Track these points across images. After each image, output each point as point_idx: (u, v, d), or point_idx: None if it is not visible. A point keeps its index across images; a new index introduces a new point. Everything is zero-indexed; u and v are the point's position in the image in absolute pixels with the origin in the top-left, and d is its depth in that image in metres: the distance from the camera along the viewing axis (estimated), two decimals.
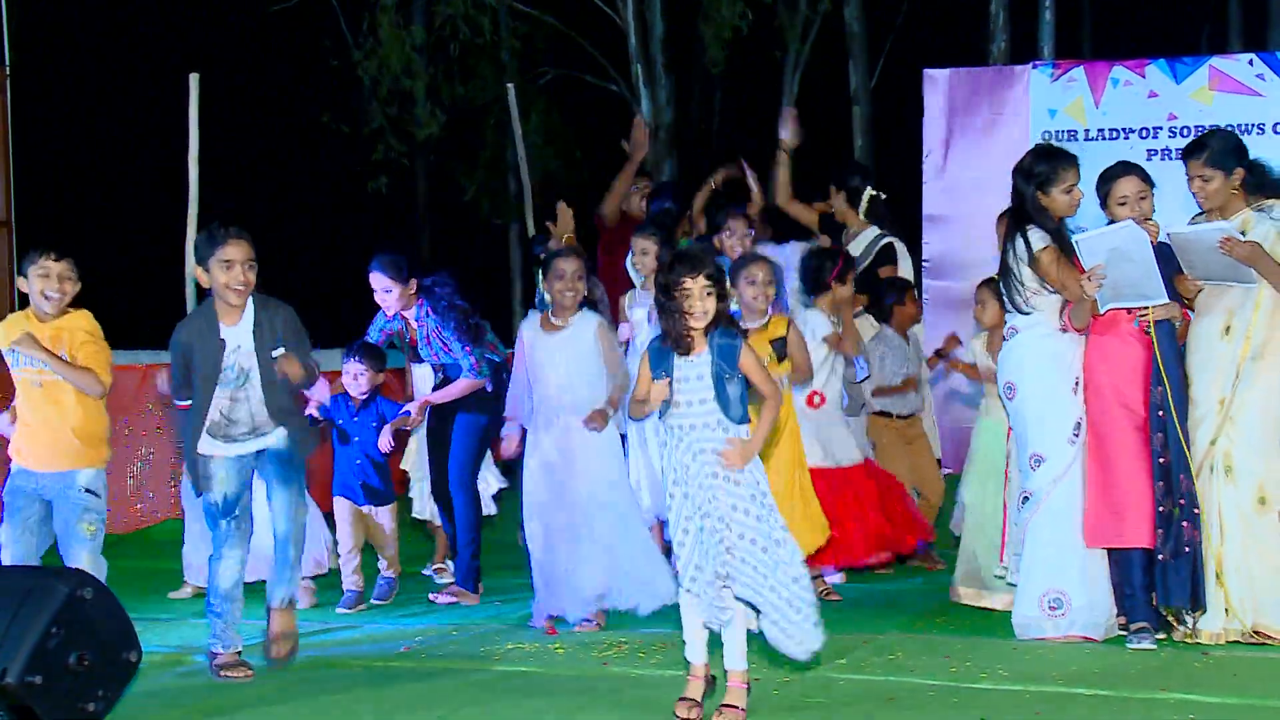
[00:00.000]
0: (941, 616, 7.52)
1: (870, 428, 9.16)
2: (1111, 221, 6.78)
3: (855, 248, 9.07)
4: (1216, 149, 6.88)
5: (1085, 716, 5.51)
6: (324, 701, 5.97)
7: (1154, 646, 6.59)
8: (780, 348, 7.41)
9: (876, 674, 6.12)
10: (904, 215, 9.84)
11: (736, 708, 5.32)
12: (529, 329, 7.58)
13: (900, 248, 9.31)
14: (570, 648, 6.93)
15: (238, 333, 6.50)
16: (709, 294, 5.35)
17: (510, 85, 15.09)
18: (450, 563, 8.98)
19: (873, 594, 8.17)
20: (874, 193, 9.28)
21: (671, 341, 5.40)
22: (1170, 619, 6.74)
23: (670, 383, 5.39)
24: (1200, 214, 6.98)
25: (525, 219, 15.62)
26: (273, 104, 26.32)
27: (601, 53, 23.08)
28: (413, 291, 8.27)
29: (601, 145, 24.48)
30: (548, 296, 7.53)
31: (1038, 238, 6.73)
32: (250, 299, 6.51)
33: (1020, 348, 6.89)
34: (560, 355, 7.42)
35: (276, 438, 6.64)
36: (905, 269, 9.30)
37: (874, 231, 9.17)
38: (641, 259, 8.26)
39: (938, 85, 11.38)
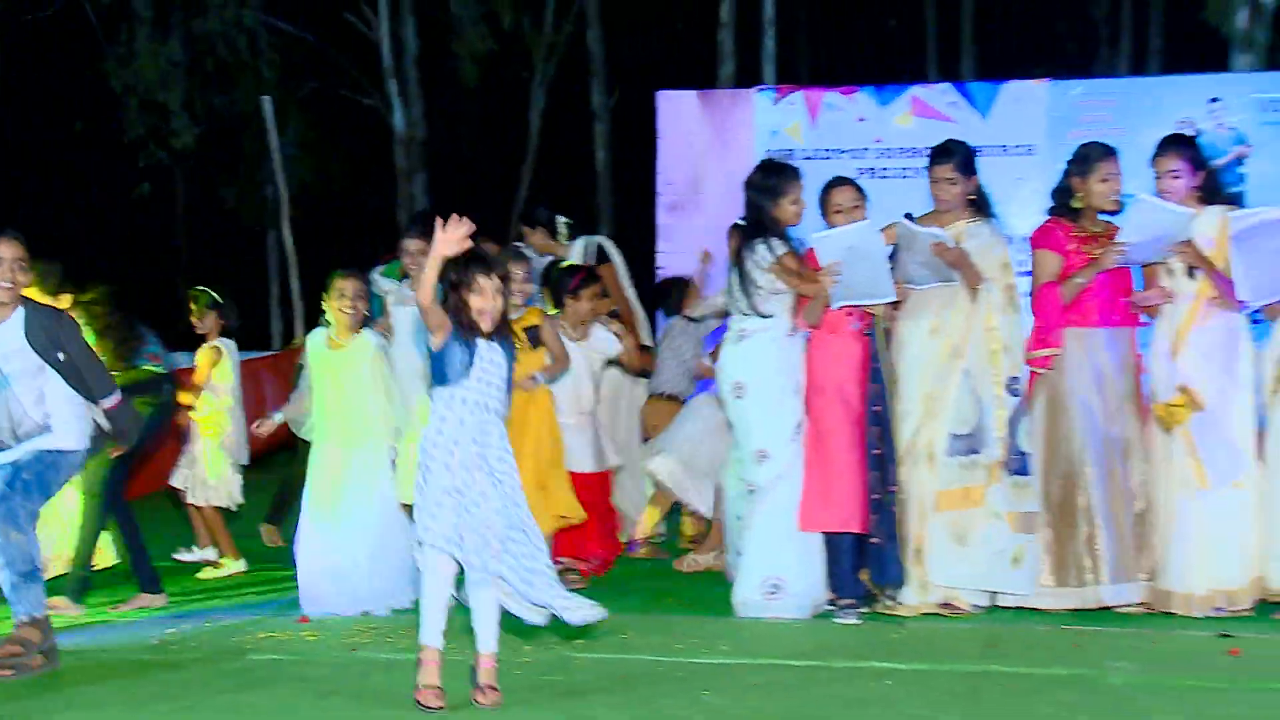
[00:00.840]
0: (669, 597, 7.60)
1: (650, 413, 9.29)
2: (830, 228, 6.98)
3: (575, 260, 9.09)
4: (963, 155, 7.13)
5: (796, 686, 5.59)
6: (72, 694, 5.74)
7: (860, 621, 6.78)
8: (533, 335, 7.50)
9: (610, 653, 6.14)
10: (640, 227, 9.94)
11: (497, 689, 5.29)
12: (314, 342, 7.55)
13: (609, 244, 9.42)
14: (321, 635, 6.83)
15: (3, 333, 6.14)
16: (500, 293, 5.39)
17: (265, 98, 14.98)
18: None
19: (605, 578, 8.17)
20: (565, 219, 9.37)
21: (465, 331, 5.34)
22: (874, 594, 6.95)
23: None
24: (924, 215, 7.16)
25: (281, 227, 15.53)
26: (38, 110, 25.59)
27: (358, 69, 22.99)
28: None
29: (356, 156, 24.41)
30: (329, 315, 7.49)
31: (776, 244, 6.85)
32: (23, 303, 6.18)
33: (751, 349, 6.97)
34: (337, 373, 7.41)
35: (38, 444, 6.21)
36: (619, 262, 9.40)
37: (581, 242, 9.25)
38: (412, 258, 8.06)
39: (671, 106, 11.53)
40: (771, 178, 7.04)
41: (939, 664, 5.92)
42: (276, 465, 10.51)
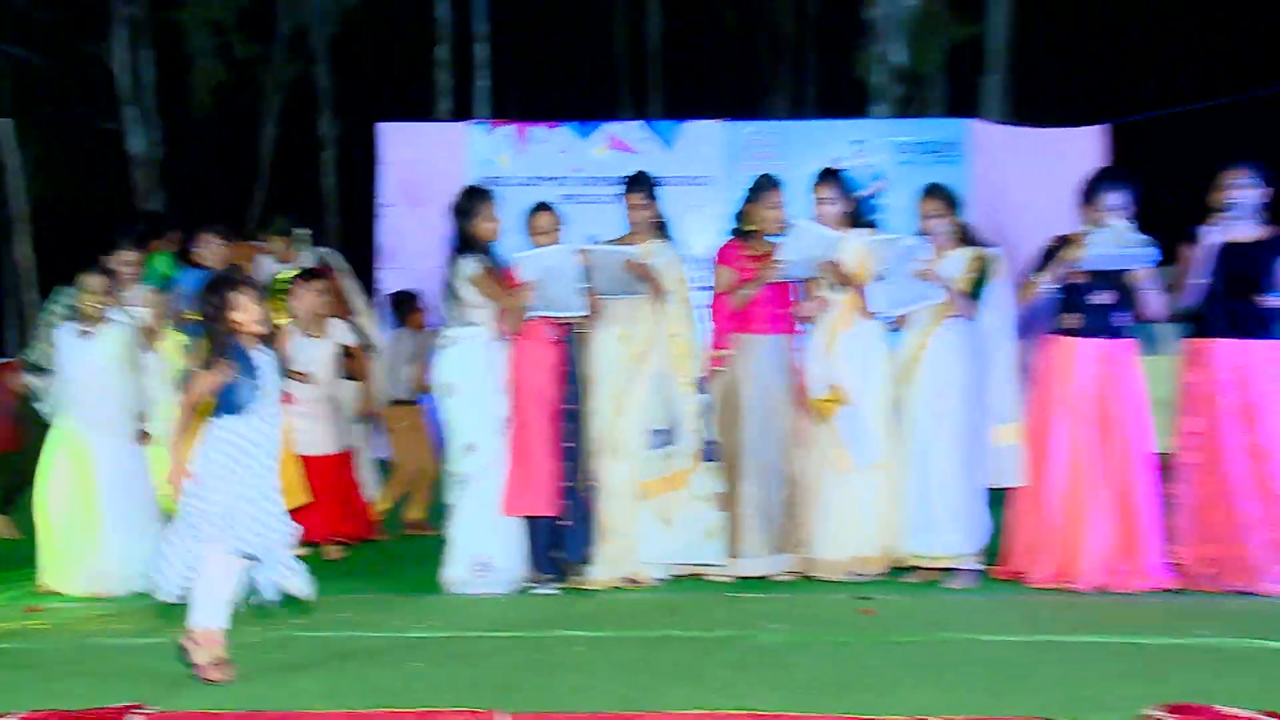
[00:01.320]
0: (385, 578, 7.54)
1: (390, 417, 9.27)
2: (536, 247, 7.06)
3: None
4: (650, 185, 7.34)
5: (497, 653, 5.63)
6: None
7: (555, 593, 6.89)
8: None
9: (330, 631, 6.05)
10: (364, 248, 9.88)
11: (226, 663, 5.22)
12: (63, 332, 7.27)
13: (336, 257, 9.35)
14: (52, 623, 6.54)
15: None
16: (258, 299, 5.32)
17: (6, 120, 14.54)
18: None
19: (325, 563, 8.01)
20: (302, 230, 9.28)
21: (237, 351, 5.24)
22: (568, 571, 7.04)
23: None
24: (617, 238, 7.34)
25: (16, 241, 15.11)
26: None
27: (97, 93, 22.33)
28: None
29: (96, 176, 23.64)
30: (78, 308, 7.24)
31: (475, 260, 6.91)
32: None
33: (459, 354, 7.00)
34: (86, 360, 7.19)
35: None
36: (346, 273, 9.31)
37: (311, 253, 9.14)
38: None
39: (392, 135, 11.51)
40: (468, 200, 7.10)
41: (624, 630, 6.03)
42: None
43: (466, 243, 7.01)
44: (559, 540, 7.04)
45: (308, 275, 8.32)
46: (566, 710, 4.66)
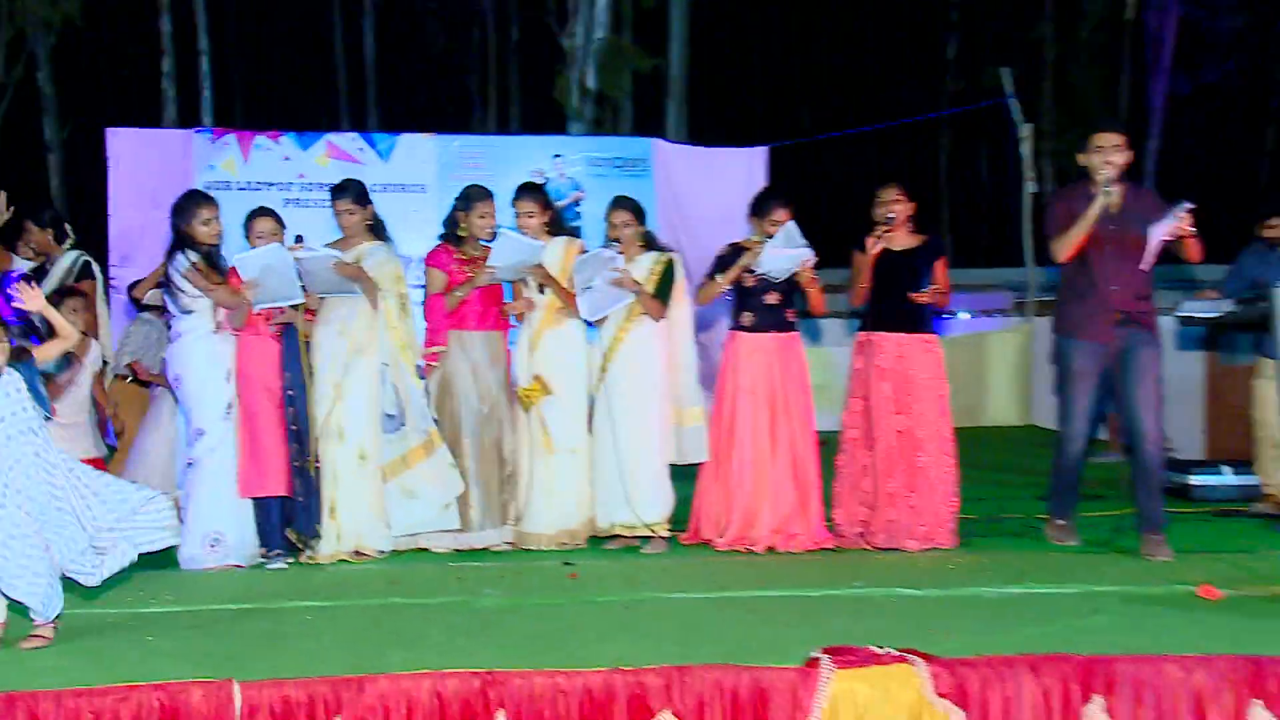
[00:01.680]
0: (144, 556, 7.24)
1: (116, 390, 8.72)
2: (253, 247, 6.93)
3: (58, 270, 8.61)
4: (356, 190, 7.24)
5: (230, 623, 5.49)
6: None
7: (286, 567, 6.76)
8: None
9: (66, 609, 5.46)
10: (95, 250, 9.45)
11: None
12: None
13: (93, 262, 8.98)
14: None
15: None
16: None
17: None
18: None
19: None
20: (69, 228, 8.90)
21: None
22: (299, 545, 6.92)
23: None
24: (334, 241, 7.22)
25: None
26: None
27: None
28: None
29: None
30: None
31: (191, 257, 6.74)
32: None
33: (185, 346, 6.82)
34: None
35: None
36: (99, 278, 8.96)
37: (72, 254, 8.78)
38: None
39: (120, 141, 11.06)
40: (186, 202, 6.95)
41: (351, 600, 5.96)
42: None
43: (183, 241, 6.83)
44: (289, 517, 6.92)
45: (64, 293, 7.92)
46: (298, 676, 4.57)
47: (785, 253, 7.05)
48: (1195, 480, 8.90)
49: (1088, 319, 6.86)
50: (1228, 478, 8.91)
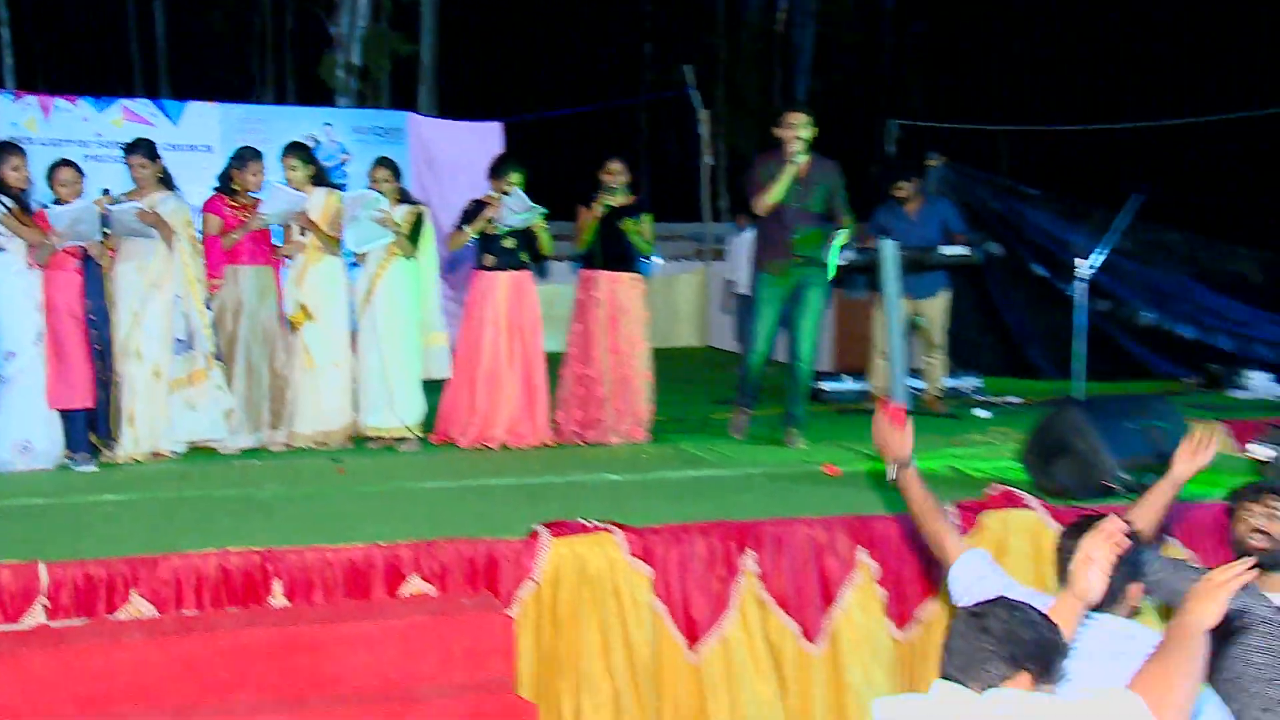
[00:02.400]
0: None
1: None
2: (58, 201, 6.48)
3: None
4: (147, 148, 6.82)
5: (39, 517, 5.22)
6: None
7: (93, 469, 6.39)
8: None
9: None
10: None
11: None
12: None
13: None
14: None
15: None
16: None
17: None
18: None
19: None
20: None
21: None
22: (101, 449, 6.57)
23: None
24: (125, 193, 6.77)
25: None
26: None
27: None
28: None
29: None
30: None
31: (6, 202, 6.25)
32: None
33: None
34: None
35: None
36: None
37: None
38: None
39: None
40: None
41: (148, 494, 5.71)
42: None
43: None
44: (92, 425, 6.54)
45: None
46: (99, 557, 4.39)
47: (518, 207, 7.05)
48: (825, 386, 9.22)
49: (774, 260, 7.05)
50: (848, 384, 9.28)
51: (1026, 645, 2.68)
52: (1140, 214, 8.02)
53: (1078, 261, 7.83)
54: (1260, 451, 3.90)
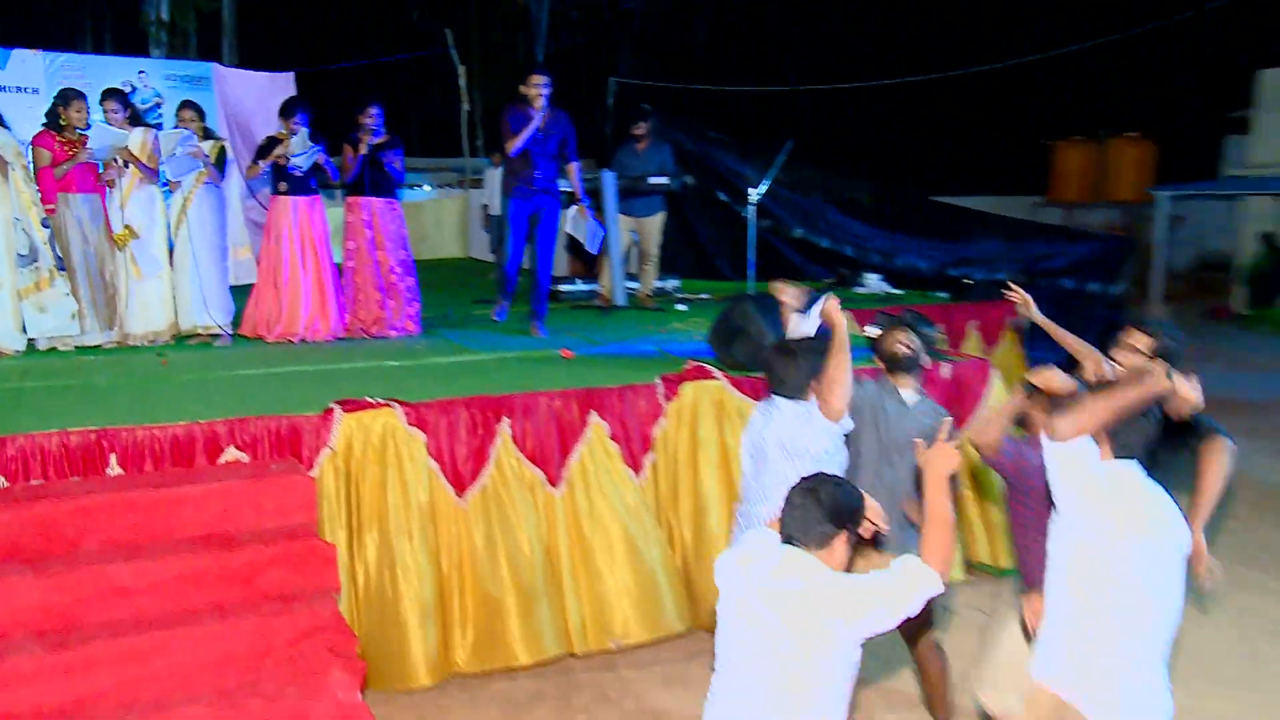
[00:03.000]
0: None
1: None
2: None
3: None
4: None
5: None
6: None
7: None
8: None
9: None
10: None
11: None
12: None
13: None
14: None
15: None
16: None
17: None
18: None
19: None
20: None
21: None
22: None
23: None
24: None
25: None
26: None
27: None
28: None
29: None
30: None
31: None
32: None
33: None
34: None
35: None
36: None
37: None
38: None
39: None
40: None
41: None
42: None
43: None
44: None
45: None
46: None
47: (301, 146, 6.72)
48: (562, 288, 9.20)
49: (520, 189, 6.94)
50: (580, 286, 9.28)
51: (845, 510, 2.67)
52: (791, 155, 8.33)
53: (749, 190, 8.11)
54: (872, 331, 4.21)
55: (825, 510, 2.64)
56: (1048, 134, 18.76)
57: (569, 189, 7.32)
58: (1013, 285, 4.36)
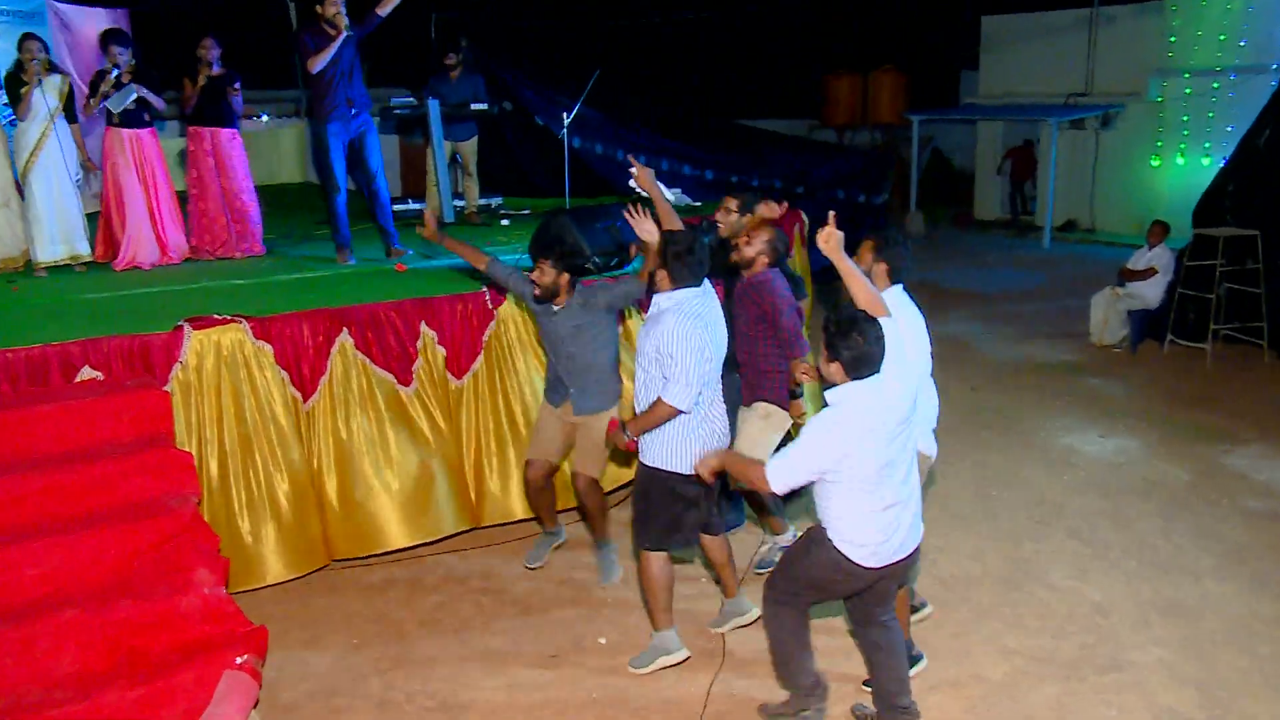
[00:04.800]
0: None
1: None
2: None
3: None
4: None
5: None
6: None
7: None
8: None
9: None
10: None
11: None
12: None
13: None
14: None
15: None
16: None
17: None
18: None
19: None
20: None
21: None
22: None
23: None
24: None
25: None
26: None
27: None
28: None
29: None
30: None
31: None
32: None
33: None
34: None
35: None
36: None
37: None
38: None
39: None
40: None
41: None
42: None
43: None
44: None
45: None
46: None
47: (118, 89, 6.16)
48: (394, 208, 8.85)
49: (335, 111, 6.32)
50: (411, 205, 8.61)
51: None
52: (600, 82, 8.28)
53: (563, 114, 8.02)
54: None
55: None
56: (821, 68, 19.33)
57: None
58: (633, 160, 4.58)
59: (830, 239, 3.20)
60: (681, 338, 3.48)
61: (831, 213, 3.30)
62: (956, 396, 7.08)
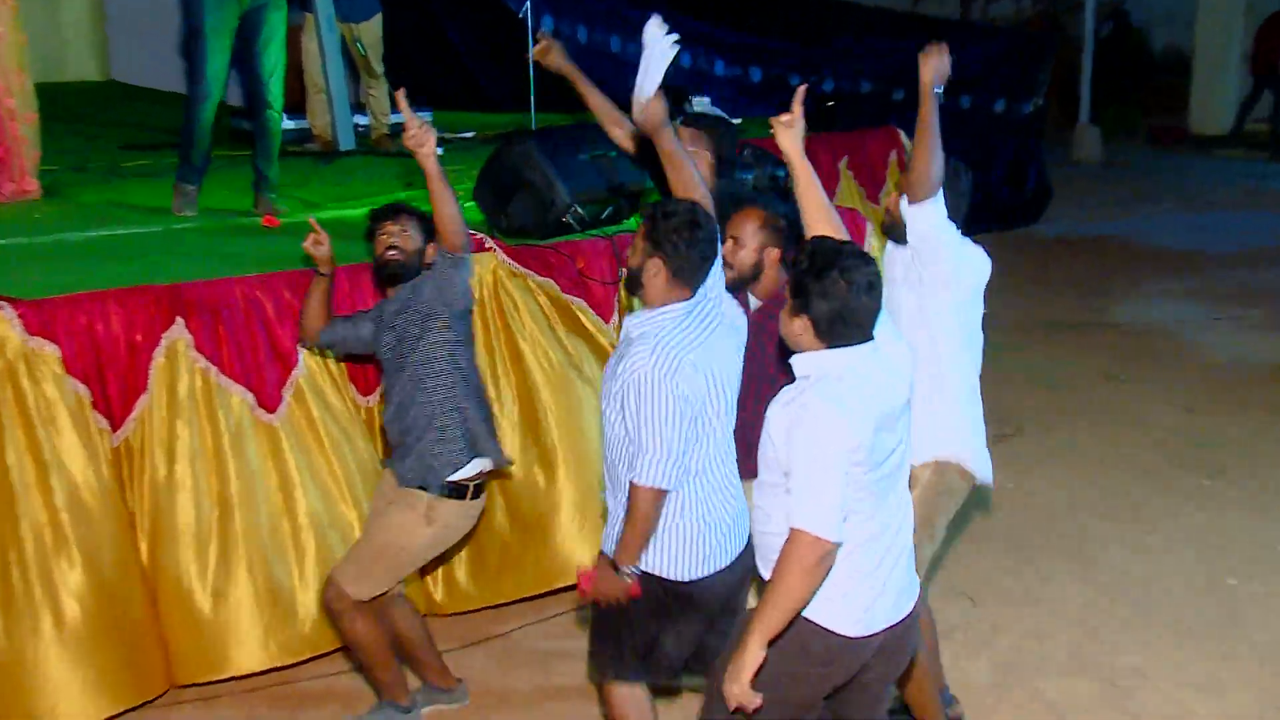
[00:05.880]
0: None
1: None
2: None
3: None
4: None
5: None
6: None
7: None
8: None
9: None
10: None
11: None
12: None
13: None
14: None
15: None
16: None
17: None
18: None
19: None
20: None
21: None
22: None
23: None
24: None
25: None
26: None
27: None
28: None
29: None
30: None
31: None
32: None
33: None
34: None
35: None
36: None
37: None
38: None
39: None
40: None
41: None
42: None
43: None
44: None
45: None
46: None
47: None
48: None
49: None
50: (286, 123, 8.36)
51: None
52: None
53: None
54: None
55: None
56: None
57: None
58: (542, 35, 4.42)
59: (792, 124, 3.21)
60: (650, 390, 3.15)
61: (801, 88, 3.32)
62: (1158, 421, 6.57)
